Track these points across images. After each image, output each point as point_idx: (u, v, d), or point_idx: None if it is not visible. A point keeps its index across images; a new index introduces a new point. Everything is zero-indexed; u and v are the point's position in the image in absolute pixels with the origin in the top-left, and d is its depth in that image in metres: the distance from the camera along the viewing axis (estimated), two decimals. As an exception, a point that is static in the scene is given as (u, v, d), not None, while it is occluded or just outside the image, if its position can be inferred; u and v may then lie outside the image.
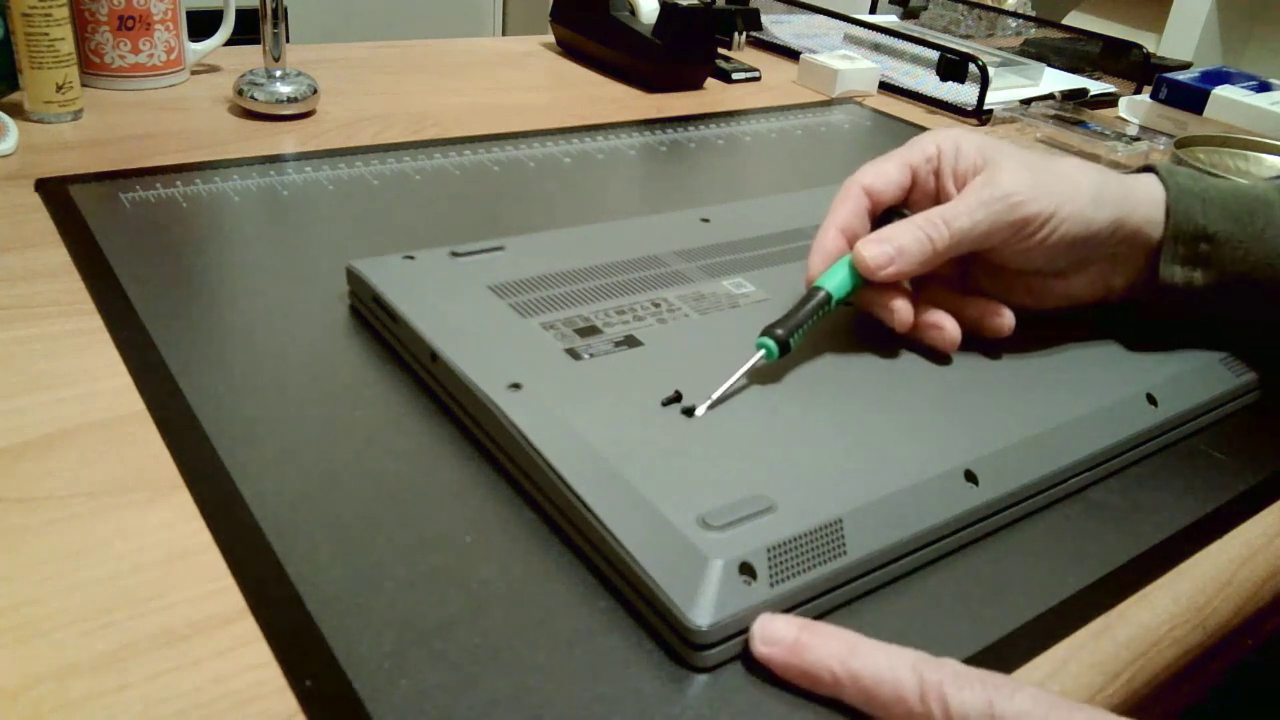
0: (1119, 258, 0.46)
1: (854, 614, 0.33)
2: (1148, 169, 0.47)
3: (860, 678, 0.29)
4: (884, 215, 0.45)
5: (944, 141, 0.45)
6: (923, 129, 0.89)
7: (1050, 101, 0.98)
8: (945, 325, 0.44)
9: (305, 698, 0.28)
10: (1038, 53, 1.18)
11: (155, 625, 0.30)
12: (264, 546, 0.34)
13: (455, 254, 0.49)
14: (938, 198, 0.45)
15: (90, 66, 0.73)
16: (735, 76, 0.98)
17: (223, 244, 0.54)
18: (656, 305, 0.46)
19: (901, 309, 0.43)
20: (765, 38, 1.14)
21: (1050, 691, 0.28)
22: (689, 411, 0.38)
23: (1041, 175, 0.42)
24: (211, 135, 0.68)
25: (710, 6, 1.02)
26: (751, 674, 0.31)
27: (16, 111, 0.67)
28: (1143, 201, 0.44)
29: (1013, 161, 0.43)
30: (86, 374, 0.42)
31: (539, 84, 0.90)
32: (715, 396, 0.39)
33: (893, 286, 0.44)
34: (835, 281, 0.42)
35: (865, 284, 0.43)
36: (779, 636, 0.30)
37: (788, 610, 0.32)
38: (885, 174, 0.45)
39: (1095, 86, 1.07)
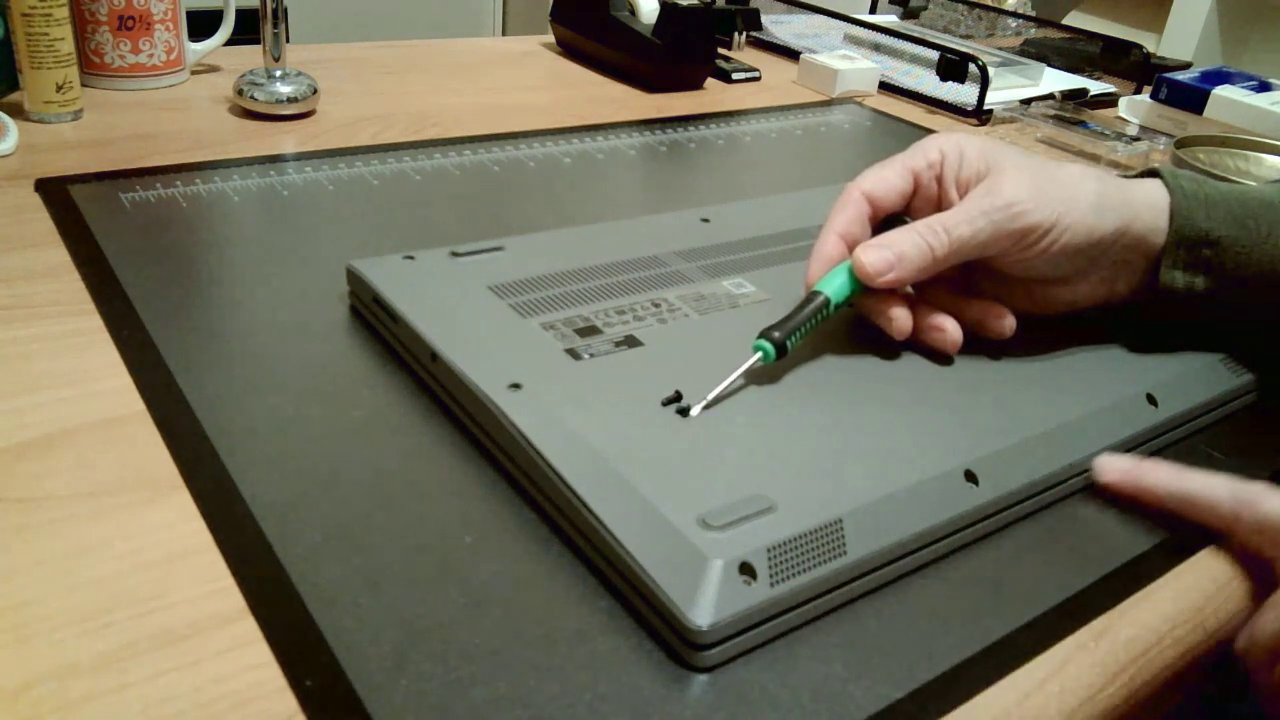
0: (1121, 264, 0.45)
1: (854, 614, 0.33)
2: (1151, 173, 0.47)
3: (1184, 493, 0.39)
4: (884, 221, 0.45)
5: (947, 146, 0.45)
6: (923, 129, 0.89)
7: (1050, 101, 0.98)
8: (946, 327, 0.44)
9: (305, 698, 0.28)
10: (1038, 53, 1.18)
11: (155, 625, 0.30)
12: (264, 546, 0.34)
13: (455, 254, 0.49)
14: (939, 204, 0.45)
15: (90, 66, 0.73)
16: (735, 76, 0.98)
17: (223, 244, 0.54)
18: (656, 305, 0.46)
19: (900, 317, 0.43)
20: (765, 38, 1.14)
21: None
22: (684, 412, 0.38)
23: (1044, 184, 0.42)
24: (211, 135, 0.68)
25: (710, 6, 1.02)
26: (751, 674, 0.31)
27: (16, 111, 0.67)
28: (1146, 208, 0.44)
29: (1015, 169, 0.43)
30: (86, 374, 0.42)
31: (539, 84, 0.90)
32: (710, 397, 0.39)
33: (892, 293, 0.44)
34: (834, 286, 0.42)
35: (865, 289, 0.43)
36: (1117, 467, 0.40)
37: (787, 611, 0.32)
38: (886, 180, 0.45)
39: (1095, 86, 1.07)
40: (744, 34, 1.10)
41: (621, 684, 0.30)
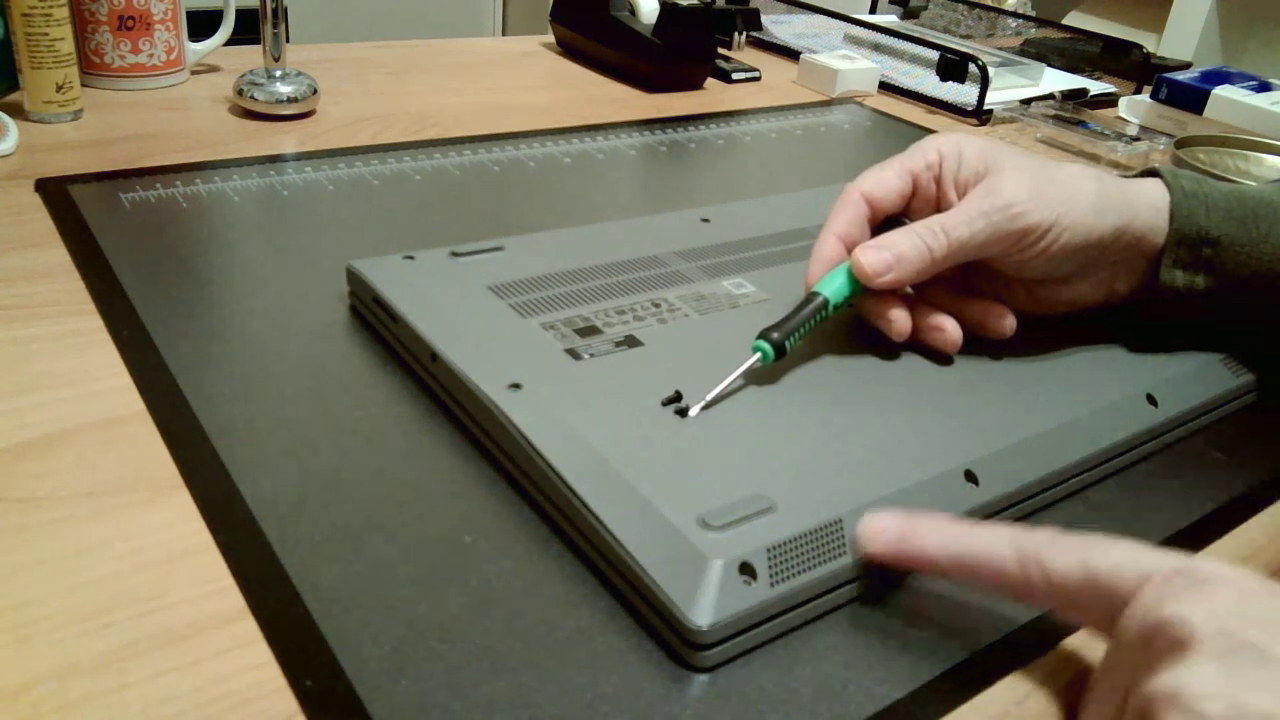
0: (1121, 264, 0.45)
1: (854, 614, 0.33)
2: (1151, 172, 0.47)
3: (963, 561, 0.31)
4: (884, 223, 0.45)
5: (946, 147, 0.45)
6: (923, 129, 0.89)
7: (1050, 101, 0.98)
8: (946, 327, 0.44)
9: (305, 698, 0.28)
10: (1038, 53, 1.18)
11: (155, 625, 0.30)
12: (264, 546, 0.34)
13: (455, 254, 0.49)
14: (939, 205, 0.45)
15: (90, 66, 0.73)
16: (735, 76, 0.98)
17: (223, 244, 0.54)
18: (656, 305, 0.46)
19: (899, 319, 0.43)
20: (765, 38, 1.14)
21: (1144, 544, 0.29)
22: (683, 412, 0.38)
23: (1043, 184, 0.42)
24: (211, 135, 0.68)
25: (710, 6, 1.02)
26: (751, 674, 0.31)
27: (16, 111, 0.67)
28: (1146, 207, 0.44)
29: (1014, 170, 0.43)
30: (86, 374, 0.42)
31: (539, 84, 0.90)
32: (709, 398, 0.39)
33: (891, 294, 0.44)
34: (834, 287, 0.42)
35: (864, 290, 0.43)
36: (882, 534, 0.32)
37: (787, 611, 0.32)
38: (885, 181, 0.45)
39: (1095, 86, 1.07)
40: (744, 34, 1.10)
41: (621, 684, 0.30)
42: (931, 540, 0.32)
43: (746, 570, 0.31)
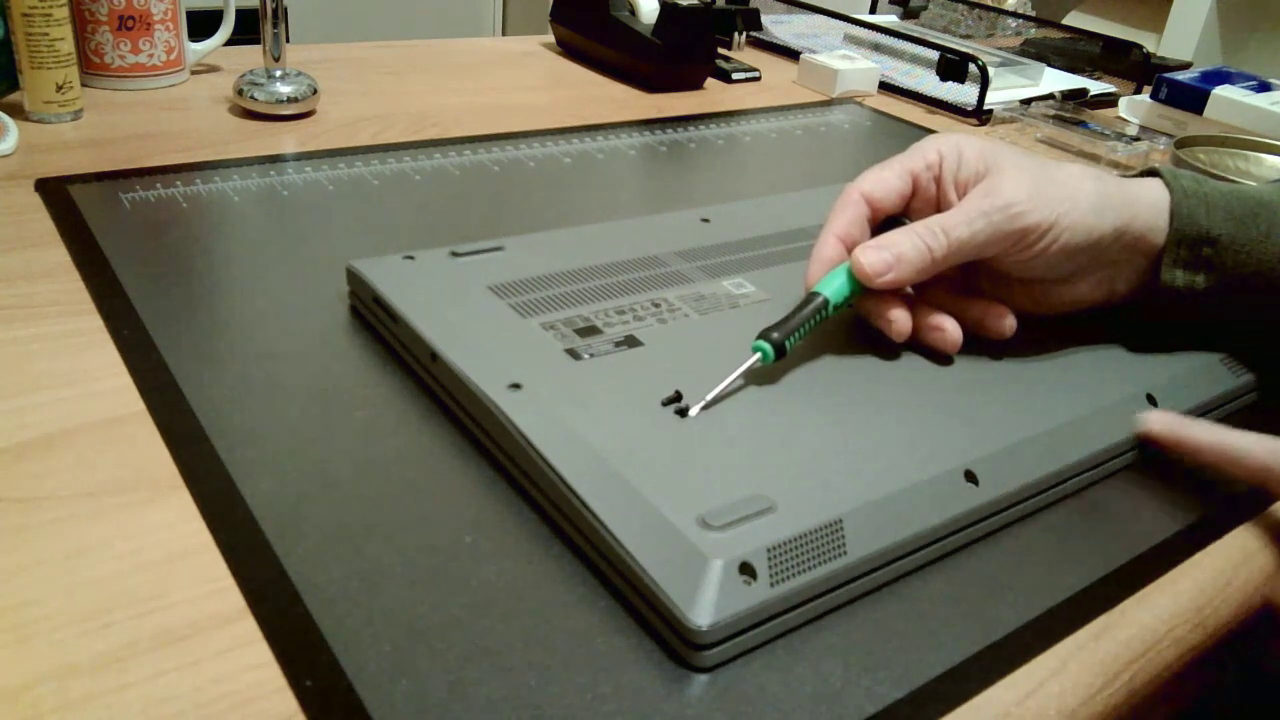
0: (1121, 263, 0.45)
1: (854, 614, 0.33)
2: (1151, 172, 0.47)
3: (1219, 445, 0.41)
4: (884, 223, 0.45)
5: (946, 148, 0.45)
6: (923, 129, 0.89)
7: (1050, 101, 0.98)
8: (946, 327, 0.44)
9: (305, 698, 0.28)
10: (1038, 53, 1.18)
11: (155, 625, 0.30)
12: (264, 546, 0.34)
13: (455, 254, 0.49)
14: (939, 205, 0.45)
15: (90, 66, 0.73)
16: (735, 76, 0.98)
17: (223, 244, 0.54)
18: (656, 305, 0.46)
19: (899, 319, 0.43)
20: (765, 38, 1.14)
21: None
22: (683, 412, 0.38)
23: (1043, 184, 0.42)
24: (211, 135, 0.68)
25: (710, 6, 1.02)
26: (751, 674, 0.31)
27: (16, 111, 0.67)
28: (1146, 207, 0.44)
29: (1014, 170, 0.43)
30: (86, 374, 0.42)
31: (539, 84, 0.90)
32: (709, 398, 0.39)
33: (891, 294, 0.44)
34: (834, 287, 0.42)
35: (864, 290, 0.43)
36: (1162, 420, 0.42)
37: (787, 611, 0.32)
38: (885, 181, 0.45)
39: (1095, 86, 1.07)
40: (744, 34, 1.10)
41: (621, 684, 0.30)
42: (1199, 430, 0.41)
43: (746, 570, 0.31)
